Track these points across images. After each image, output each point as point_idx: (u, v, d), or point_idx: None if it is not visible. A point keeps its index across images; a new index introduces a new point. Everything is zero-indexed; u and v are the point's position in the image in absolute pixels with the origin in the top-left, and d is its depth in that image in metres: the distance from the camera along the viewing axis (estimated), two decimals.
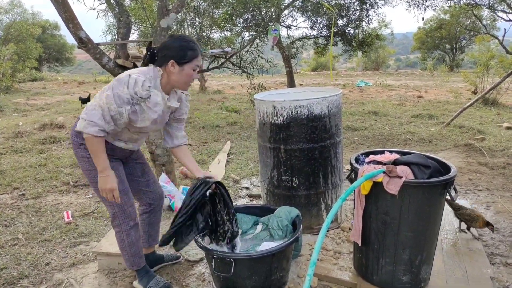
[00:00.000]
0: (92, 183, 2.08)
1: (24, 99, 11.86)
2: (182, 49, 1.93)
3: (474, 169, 4.39)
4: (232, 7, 6.37)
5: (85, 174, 2.11)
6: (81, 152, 2.03)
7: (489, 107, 8.38)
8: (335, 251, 2.67)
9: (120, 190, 2.06)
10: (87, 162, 2.03)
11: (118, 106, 1.84)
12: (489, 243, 2.77)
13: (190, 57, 1.94)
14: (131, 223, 2.17)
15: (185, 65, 1.95)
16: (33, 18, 21.08)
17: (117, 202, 2.03)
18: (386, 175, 1.98)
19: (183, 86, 2.04)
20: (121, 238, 2.20)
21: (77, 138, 2.03)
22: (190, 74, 1.97)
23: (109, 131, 1.90)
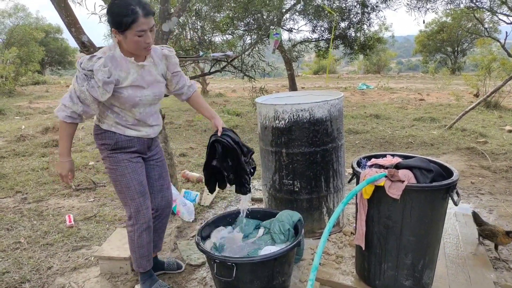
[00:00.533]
0: (113, 181, 2.13)
1: (27, 102, 11.91)
2: (117, 16, 1.80)
3: (476, 173, 4.37)
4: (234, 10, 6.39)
5: (107, 172, 2.16)
6: (101, 151, 2.11)
7: (491, 110, 8.36)
8: (337, 255, 2.66)
9: (138, 191, 2.12)
10: (107, 161, 2.09)
11: (80, 85, 1.87)
12: (492, 248, 2.75)
13: (126, 24, 1.79)
14: (144, 225, 2.18)
15: (126, 33, 1.83)
16: (37, 22, 21.20)
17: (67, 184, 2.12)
18: (388, 179, 1.98)
19: (138, 52, 1.92)
20: (131, 239, 2.22)
21: (96, 139, 2.11)
22: (135, 41, 1.84)
23: (80, 112, 1.91)
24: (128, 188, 2.10)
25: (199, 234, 2.33)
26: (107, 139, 2.05)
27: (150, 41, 1.88)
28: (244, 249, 2.36)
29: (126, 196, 2.12)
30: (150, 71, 2.03)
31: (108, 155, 2.07)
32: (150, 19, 1.85)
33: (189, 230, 3.20)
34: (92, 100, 1.90)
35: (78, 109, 1.91)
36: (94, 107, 1.94)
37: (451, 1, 6.57)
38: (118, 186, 2.12)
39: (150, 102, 2.07)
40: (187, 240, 3.01)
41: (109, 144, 2.05)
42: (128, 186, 2.10)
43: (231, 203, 3.77)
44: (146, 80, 2.01)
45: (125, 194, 2.12)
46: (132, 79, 1.95)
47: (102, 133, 2.06)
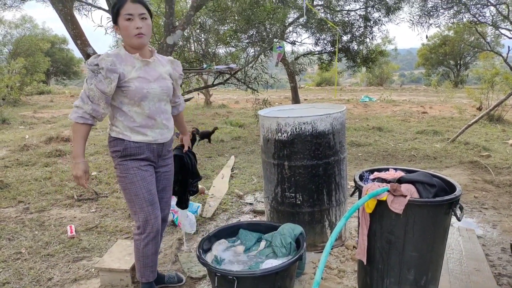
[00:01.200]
0: (123, 190, 2.15)
1: (31, 112, 12.00)
2: (111, 10, 2.02)
3: (479, 187, 4.35)
4: (237, 23, 6.47)
5: (118, 181, 2.18)
6: (113, 160, 2.14)
7: (494, 124, 8.35)
8: (339, 269, 2.64)
9: (146, 199, 2.13)
10: (118, 169, 2.12)
11: (89, 84, 1.97)
12: (496, 264, 2.72)
13: (116, 11, 1.96)
14: (151, 235, 2.18)
15: (118, 21, 1.97)
16: (43, 33, 21.48)
17: (84, 187, 2.16)
18: (391, 193, 1.97)
19: (132, 41, 1.99)
20: (137, 247, 2.22)
21: (109, 147, 2.15)
22: (124, 26, 1.95)
23: (91, 112, 1.98)
24: (137, 196, 2.11)
25: (200, 246, 2.33)
26: (117, 146, 2.08)
27: (140, 26, 1.95)
28: (246, 262, 2.35)
29: (135, 205, 2.13)
30: (155, 68, 2.11)
31: (118, 163, 2.10)
32: (138, 6, 1.97)
33: (190, 242, 3.19)
34: (100, 95, 1.95)
35: (88, 108, 1.97)
36: (102, 104, 1.99)
37: (454, 16, 6.62)
38: (128, 194, 2.13)
39: (159, 97, 2.10)
40: (188, 252, 3.00)
41: (118, 150, 2.08)
42: (137, 194, 2.11)
43: (233, 215, 3.76)
44: (151, 75, 2.08)
45: (134, 202, 2.12)
46: (138, 72, 2.03)
47: (113, 141, 2.10)
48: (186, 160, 2.62)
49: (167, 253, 2.98)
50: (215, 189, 4.39)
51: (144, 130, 2.08)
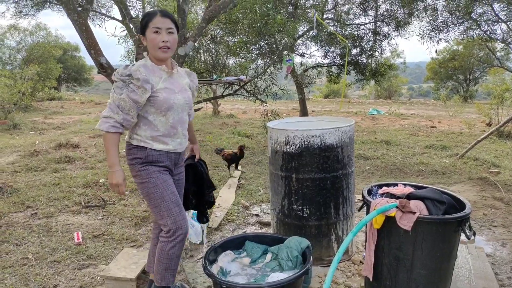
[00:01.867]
0: (147, 196, 2.15)
1: (42, 117, 12.17)
2: (140, 22, 2.10)
3: (489, 204, 4.29)
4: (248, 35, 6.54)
5: (139, 189, 2.19)
6: (132, 167, 2.14)
7: (504, 140, 8.27)
8: (345, 284, 2.61)
9: (172, 201, 2.14)
10: (139, 175, 2.12)
11: (119, 94, 2.02)
12: (506, 283, 2.67)
13: (145, 23, 2.05)
14: (180, 237, 2.17)
15: (146, 33, 2.05)
16: (56, 41, 21.87)
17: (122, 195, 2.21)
18: (399, 210, 1.96)
19: (157, 53, 2.07)
20: (162, 249, 2.19)
21: (128, 155, 2.16)
22: (151, 38, 2.04)
23: (121, 121, 2.01)
24: (162, 199, 2.11)
25: (206, 257, 2.32)
26: (138, 153, 2.11)
27: (166, 40, 2.04)
28: (251, 275, 2.34)
29: (162, 208, 2.12)
30: (177, 79, 2.20)
31: (139, 169, 2.11)
32: (167, 20, 2.06)
33: (196, 252, 3.18)
34: (131, 105, 2.00)
35: (119, 118, 2.01)
36: (133, 113, 2.03)
37: (465, 32, 6.62)
38: (152, 199, 2.12)
39: (182, 107, 2.18)
40: (194, 263, 2.99)
41: (140, 157, 2.11)
42: (163, 196, 2.11)
43: (239, 226, 3.75)
44: (176, 86, 2.16)
45: (161, 206, 2.12)
46: (164, 83, 2.10)
47: (133, 148, 2.12)
48: (200, 168, 2.59)
49: None
50: (221, 199, 4.39)
51: (165, 139, 2.14)
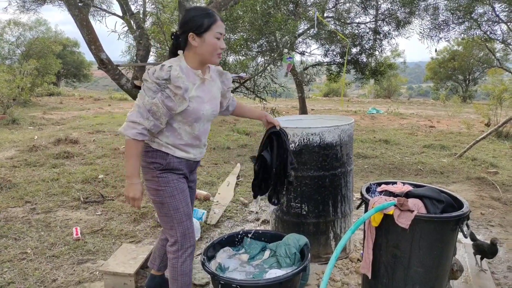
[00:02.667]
0: (159, 204, 2.01)
1: (41, 113, 12.15)
2: (196, 18, 1.85)
3: (486, 204, 4.31)
4: (248, 33, 6.53)
5: (151, 194, 2.02)
6: (148, 171, 1.99)
7: (502, 141, 8.29)
8: (342, 282, 2.62)
9: (186, 213, 2.03)
10: (155, 181, 1.97)
11: (151, 97, 1.83)
12: (502, 282, 2.69)
13: (207, 25, 1.84)
14: (189, 250, 2.08)
15: (204, 35, 1.85)
16: (56, 36, 21.80)
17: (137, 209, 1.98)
18: (397, 208, 1.97)
19: (210, 58, 1.91)
20: (174, 266, 2.07)
21: (145, 157, 1.98)
22: (213, 43, 1.86)
23: (150, 128, 1.85)
24: (176, 211, 2.00)
25: (205, 253, 2.33)
26: (159, 158, 1.96)
27: (224, 47, 1.91)
28: (250, 271, 2.35)
29: (173, 219, 2.01)
30: (209, 86, 2.01)
31: (157, 175, 1.96)
32: (224, 26, 1.92)
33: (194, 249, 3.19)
34: (164, 112, 1.84)
35: (149, 124, 1.84)
36: (164, 120, 1.87)
37: (465, 32, 6.63)
38: (165, 208, 2.00)
39: (208, 118, 2.03)
40: None
41: (160, 163, 1.96)
42: (177, 208, 2.00)
43: (237, 223, 3.76)
44: (206, 94, 1.98)
45: (173, 217, 2.01)
46: (197, 91, 1.92)
47: (153, 152, 1.96)
48: (283, 138, 2.23)
49: None
50: (220, 196, 4.40)
51: (187, 149, 2.01)
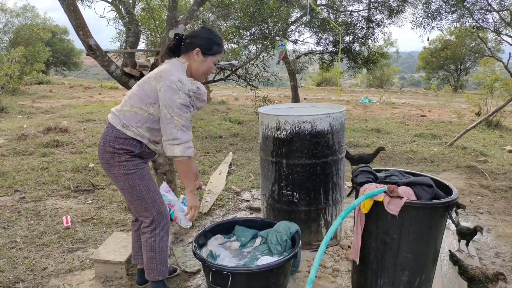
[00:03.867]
0: (130, 188, 2.05)
1: (30, 101, 11.96)
2: (211, 41, 2.04)
3: (475, 191, 4.37)
4: (240, 20, 6.45)
5: (119, 180, 2.04)
6: (116, 156, 2.00)
7: (492, 130, 8.38)
8: (333, 268, 2.65)
9: (157, 191, 2.13)
10: (125, 165, 2.01)
11: (188, 112, 1.96)
12: (489, 268, 2.74)
13: (215, 51, 2.06)
14: (166, 227, 2.17)
15: (208, 57, 2.05)
16: (44, 23, 21.37)
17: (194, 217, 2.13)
18: (387, 195, 1.98)
19: (201, 76, 2.10)
20: (152, 245, 2.15)
21: (115, 143, 2.00)
22: (210, 66, 2.08)
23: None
24: (148, 190, 2.08)
25: (196, 241, 2.33)
26: (132, 146, 2.01)
27: (213, 72, 2.21)
28: (241, 259, 2.36)
29: (147, 200, 2.09)
30: None
31: (127, 159, 2.01)
32: None
33: (186, 237, 3.19)
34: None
35: (191, 136, 1.99)
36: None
37: (457, 20, 6.62)
38: (137, 191, 2.06)
39: None
40: (184, 247, 3.00)
41: (132, 151, 2.02)
42: (149, 188, 2.08)
43: (229, 211, 3.77)
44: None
45: (146, 198, 2.08)
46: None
47: (126, 139, 2.00)
48: None
49: None
50: (212, 184, 4.39)
51: (157, 144, 2.14)
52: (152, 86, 1.97)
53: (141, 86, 2.04)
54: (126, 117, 2.02)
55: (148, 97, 1.98)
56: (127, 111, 2.03)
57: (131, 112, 2.01)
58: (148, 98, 1.98)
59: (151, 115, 2.00)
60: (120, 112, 2.05)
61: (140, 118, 2.01)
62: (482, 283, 2.16)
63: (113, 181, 2.12)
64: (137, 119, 2.01)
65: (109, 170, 2.07)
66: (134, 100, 2.02)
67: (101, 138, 2.07)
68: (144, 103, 1.99)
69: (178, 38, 2.07)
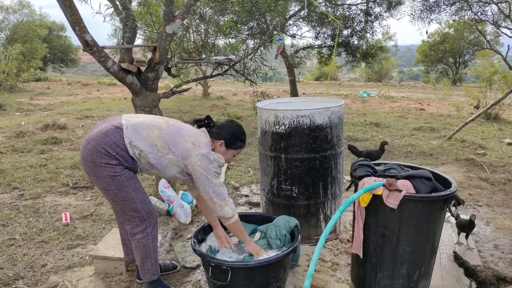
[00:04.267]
0: (117, 190, 2.03)
1: (28, 98, 11.91)
2: (235, 137, 2.22)
3: (474, 184, 4.37)
4: (238, 14, 6.41)
5: (103, 181, 2.01)
6: (104, 157, 1.97)
7: (491, 123, 8.38)
8: (332, 262, 2.65)
9: (144, 192, 2.15)
10: (112, 168, 1.99)
11: (217, 177, 2.11)
12: (488, 260, 2.75)
13: (237, 146, 2.24)
14: (156, 226, 2.21)
15: (230, 149, 2.22)
16: (41, 20, 21.23)
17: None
18: (386, 188, 1.97)
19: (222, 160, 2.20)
20: (145, 244, 2.17)
21: (111, 150, 1.98)
22: (230, 158, 2.26)
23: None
24: (136, 191, 2.08)
25: (195, 236, 2.33)
26: (125, 160, 2.02)
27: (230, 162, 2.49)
28: (240, 253, 2.36)
29: (136, 200, 2.08)
30: None
31: (116, 164, 1.99)
32: None
33: (185, 232, 3.19)
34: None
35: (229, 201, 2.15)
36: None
37: (456, 13, 6.59)
38: (125, 192, 2.04)
39: None
40: (183, 242, 3.00)
41: (122, 163, 2.01)
42: (137, 188, 2.09)
43: None
44: None
45: (134, 198, 2.08)
46: None
47: (124, 151, 2.00)
48: None
49: (162, 243, 2.98)
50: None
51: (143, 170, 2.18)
52: (187, 145, 2.07)
53: (175, 135, 2.08)
54: (141, 139, 2.01)
55: (175, 147, 2.05)
56: (147, 137, 2.02)
57: (151, 141, 2.03)
58: (175, 148, 2.05)
59: (163, 159, 2.05)
60: (137, 130, 2.03)
61: (155, 152, 2.03)
62: (495, 286, 2.01)
63: (94, 181, 2.06)
64: (151, 150, 2.03)
65: (92, 169, 2.01)
66: (164, 138, 2.05)
67: (96, 135, 1.99)
68: (169, 148, 2.05)
69: (209, 120, 2.22)
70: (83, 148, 2.02)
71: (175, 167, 2.09)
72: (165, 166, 2.08)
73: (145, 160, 2.05)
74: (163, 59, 3.40)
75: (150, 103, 3.47)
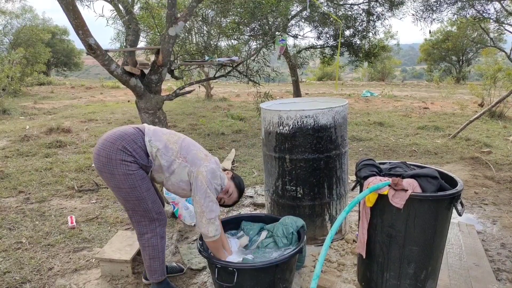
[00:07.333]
0: (130, 190, 2.05)
1: (32, 102, 11.99)
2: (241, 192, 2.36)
3: (480, 183, 4.35)
4: (240, 16, 6.42)
5: (117, 179, 2.03)
6: (121, 154, 2.01)
7: (495, 120, 8.33)
8: (339, 263, 2.64)
9: (154, 192, 2.17)
10: (126, 166, 2.01)
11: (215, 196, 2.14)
12: (495, 259, 2.73)
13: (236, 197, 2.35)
14: (165, 225, 2.24)
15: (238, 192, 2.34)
16: (44, 24, 21.37)
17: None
18: (392, 188, 1.97)
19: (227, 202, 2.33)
20: (154, 244, 2.19)
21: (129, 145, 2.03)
22: (234, 201, 2.34)
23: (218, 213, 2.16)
24: (148, 191, 2.10)
25: (201, 238, 2.33)
26: (141, 157, 2.06)
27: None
28: (246, 254, 2.35)
29: (147, 201, 2.10)
30: None
31: (131, 161, 2.03)
32: None
33: (191, 234, 3.19)
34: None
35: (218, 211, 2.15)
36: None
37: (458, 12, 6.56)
38: (137, 192, 2.06)
39: None
40: (189, 244, 3.01)
41: (137, 160, 2.05)
42: (149, 188, 2.11)
43: (233, 208, 3.76)
44: None
45: (146, 199, 2.09)
46: None
47: (141, 149, 2.07)
48: None
49: (168, 245, 2.98)
50: None
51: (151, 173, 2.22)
52: (199, 155, 2.15)
53: (191, 144, 2.19)
54: (159, 140, 2.11)
55: (188, 154, 2.12)
56: (166, 140, 2.12)
57: (168, 144, 2.11)
58: (188, 154, 2.11)
59: (174, 163, 2.10)
60: (157, 133, 2.14)
61: (169, 155, 2.09)
62: None
63: (107, 178, 2.06)
64: (166, 152, 2.09)
65: (106, 166, 2.02)
66: (180, 144, 2.14)
67: (114, 133, 2.08)
68: (181, 153, 2.11)
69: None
70: (99, 145, 2.07)
71: (182, 173, 2.11)
72: (172, 171, 2.11)
73: (158, 161, 2.10)
74: (166, 61, 3.41)
75: (154, 105, 3.48)
